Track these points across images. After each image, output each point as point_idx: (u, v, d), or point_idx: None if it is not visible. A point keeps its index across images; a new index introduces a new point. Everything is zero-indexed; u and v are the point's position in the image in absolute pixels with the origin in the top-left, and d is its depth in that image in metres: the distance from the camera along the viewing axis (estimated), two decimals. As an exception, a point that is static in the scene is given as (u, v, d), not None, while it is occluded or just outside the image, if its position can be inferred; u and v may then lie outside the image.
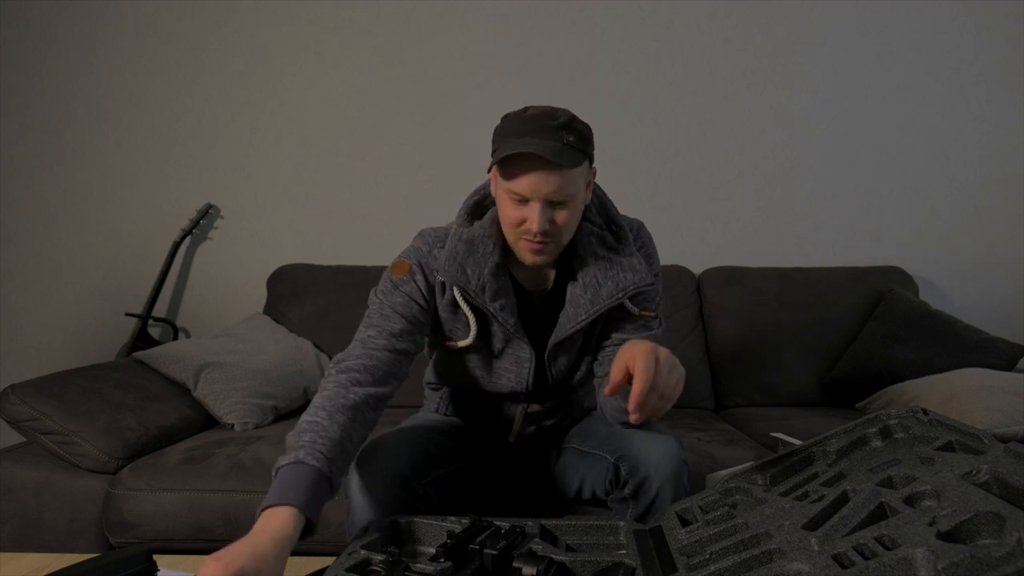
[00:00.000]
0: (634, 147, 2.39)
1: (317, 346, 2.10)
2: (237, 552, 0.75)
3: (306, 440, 0.92)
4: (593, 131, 1.08)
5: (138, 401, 1.69)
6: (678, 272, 2.23)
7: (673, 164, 2.40)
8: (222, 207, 2.45)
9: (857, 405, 1.94)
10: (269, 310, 2.22)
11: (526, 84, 2.38)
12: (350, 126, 2.43)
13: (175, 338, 2.43)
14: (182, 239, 2.36)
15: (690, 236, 2.40)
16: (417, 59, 2.40)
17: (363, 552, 0.78)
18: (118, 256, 2.46)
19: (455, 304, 1.16)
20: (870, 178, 2.37)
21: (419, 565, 0.76)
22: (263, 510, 0.84)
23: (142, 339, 2.28)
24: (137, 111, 2.45)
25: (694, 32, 2.37)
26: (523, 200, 1.04)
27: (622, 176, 2.37)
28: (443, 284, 1.15)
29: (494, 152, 1.05)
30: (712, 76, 2.38)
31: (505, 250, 1.17)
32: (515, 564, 0.77)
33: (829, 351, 2.09)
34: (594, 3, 2.37)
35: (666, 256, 2.35)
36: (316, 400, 1.01)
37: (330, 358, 2.08)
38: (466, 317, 1.16)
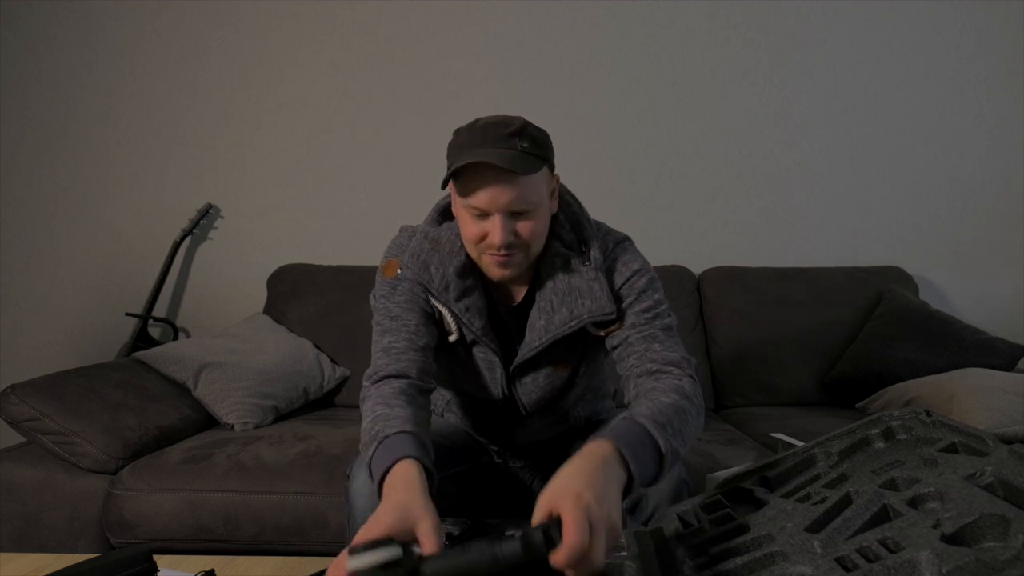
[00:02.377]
0: (634, 147, 2.39)
1: (317, 346, 2.10)
2: (376, 519, 0.75)
3: (377, 428, 0.93)
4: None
5: (138, 401, 1.69)
6: (678, 272, 2.23)
7: (673, 164, 2.40)
8: (222, 207, 2.45)
9: (857, 405, 1.94)
10: (269, 310, 2.22)
11: (526, 84, 2.38)
12: (350, 126, 2.43)
13: (175, 338, 2.43)
14: (182, 239, 2.36)
15: (690, 236, 2.40)
16: (417, 59, 2.40)
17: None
18: (118, 256, 2.46)
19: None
20: (870, 178, 2.37)
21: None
22: (380, 486, 0.85)
23: (142, 339, 2.28)
24: (137, 111, 2.45)
25: (694, 32, 2.37)
26: (483, 215, 1.00)
27: (622, 176, 2.38)
28: None
29: (449, 167, 1.00)
30: (712, 76, 2.38)
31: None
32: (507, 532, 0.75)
33: (829, 351, 2.09)
34: (594, 3, 2.37)
35: (666, 256, 2.37)
36: (366, 411, 0.99)
37: (330, 358, 2.09)
38: (439, 312, 1.12)
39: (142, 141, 2.46)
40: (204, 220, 2.41)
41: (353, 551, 0.68)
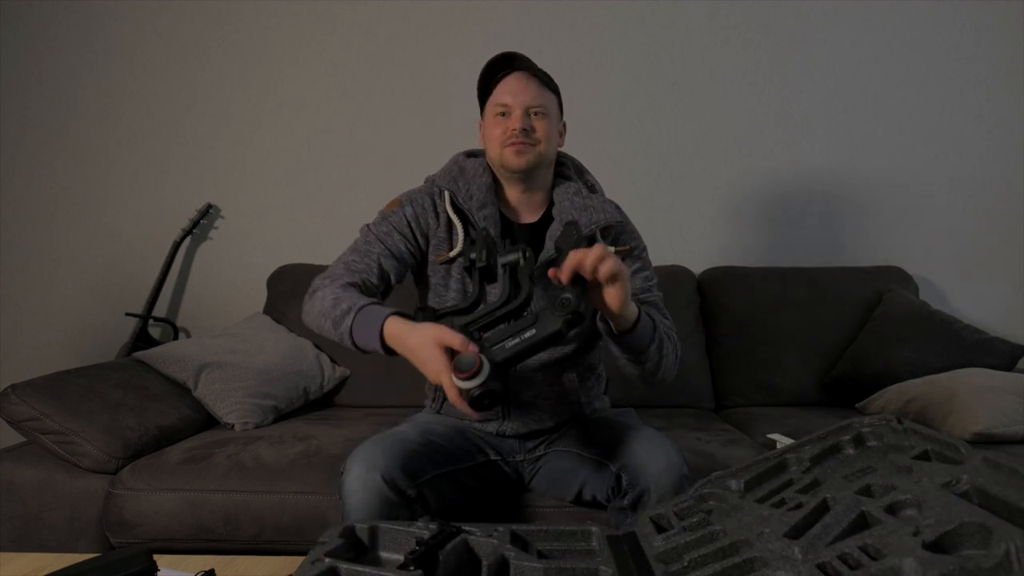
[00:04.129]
0: (634, 147, 2.39)
1: (317, 346, 2.09)
2: (419, 351, 0.99)
3: (343, 305, 1.13)
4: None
5: (138, 401, 1.69)
6: (678, 272, 2.23)
7: (673, 164, 2.39)
8: (222, 207, 2.45)
9: (857, 405, 1.93)
10: (269, 310, 2.22)
11: (526, 84, 2.38)
12: (350, 126, 2.43)
13: (175, 338, 2.43)
14: (182, 239, 2.36)
15: (690, 236, 2.40)
16: (417, 59, 2.40)
17: (327, 560, 0.75)
18: (118, 256, 2.46)
19: (448, 223, 1.29)
20: (870, 178, 2.37)
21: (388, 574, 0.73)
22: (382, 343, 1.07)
23: (142, 339, 2.28)
24: (137, 111, 2.45)
25: (694, 32, 2.36)
26: (506, 112, 1.25)
27: (622, 176, 2.37)
28: (434, 210, 1.30)
29: (480, 79, 1.30)
30: (712, 76, 2.37)
31: (496, 183, 1.33)
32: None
33: (829, 351, 2.09)
34: (594, 3, 2.37)
35: (666, 256, 2.37)
36: (319, 297, 1.18)
37: (330, 358, 2.09)
38: (456, 227, 1.27)
39: (142, 141, 2.46)
40: (204, 220, 2.41)
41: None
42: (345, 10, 2.40)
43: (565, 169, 1.37)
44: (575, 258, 0.97)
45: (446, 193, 1.29)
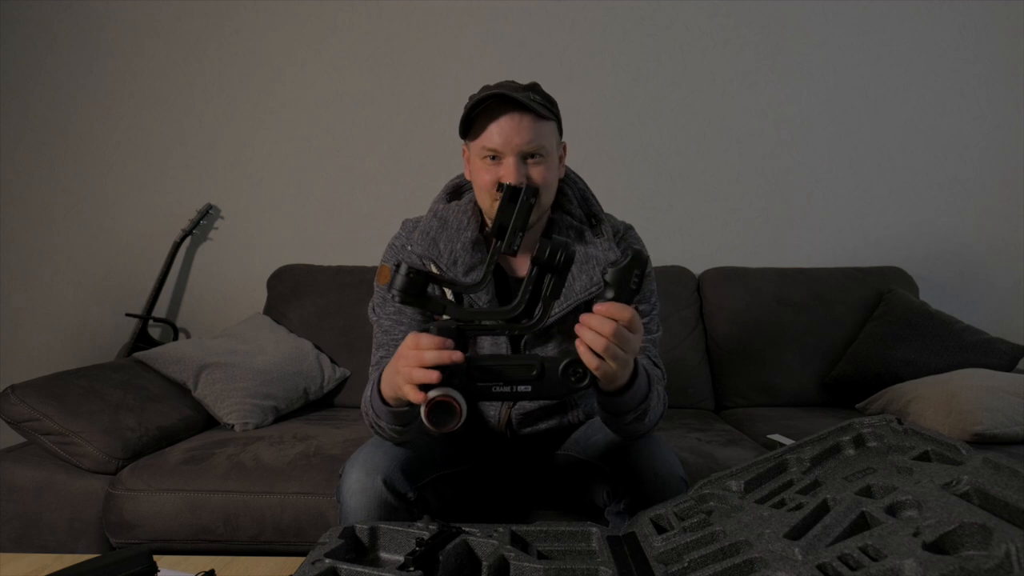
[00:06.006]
0: (634, 147, 2.39)
1: (317, 346, 2.10)
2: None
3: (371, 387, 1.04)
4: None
5: (138, 401, 1.69)
6: (678, 272, 2.23)
7: (673, 164, 2.39)
8: (222, 207, 2.45)
9: (857, 405, 1.94)
10: (269, 310, 2.22)
11: (526, 84, 2.38)
12: (350, 126, 2.43)
13: (175, 338, 2.43)
14: (182, 239, 2.36)
15: (690, 236, 2.40)
16: (417, 59, 2.40)
17: (327, 561, 0.75)
18: (118, 256, 2.47)
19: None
20: (870, 178, 2.37)
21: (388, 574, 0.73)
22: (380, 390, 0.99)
23: (142, 339, 2.28)
24: (137, 111, 2.45)
25: (694, 32, 2.36)
26: (496, 158, 1.07)
27: (622, 176, 2.37)
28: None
29: (462, 121, 1.08)
30: (712, 76, 2.37)
31: (483, 228, 1.18)
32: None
33: (829, 351, 2.09)
34: (594, 3, 2.37)
35: (666, 256, 2.37)
36: (364, 398, 1.09)
37: (330, 359, 2.09)
38: (443, 293, 1.13)
39: (142, 141, 2.46)
40: (204, 220, 2.41)
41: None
42: (345, 10, 2.40)
43: (566, 200, 1.19)
44: (618, 315, 0.85)
45: (431, 265, 1.14)
